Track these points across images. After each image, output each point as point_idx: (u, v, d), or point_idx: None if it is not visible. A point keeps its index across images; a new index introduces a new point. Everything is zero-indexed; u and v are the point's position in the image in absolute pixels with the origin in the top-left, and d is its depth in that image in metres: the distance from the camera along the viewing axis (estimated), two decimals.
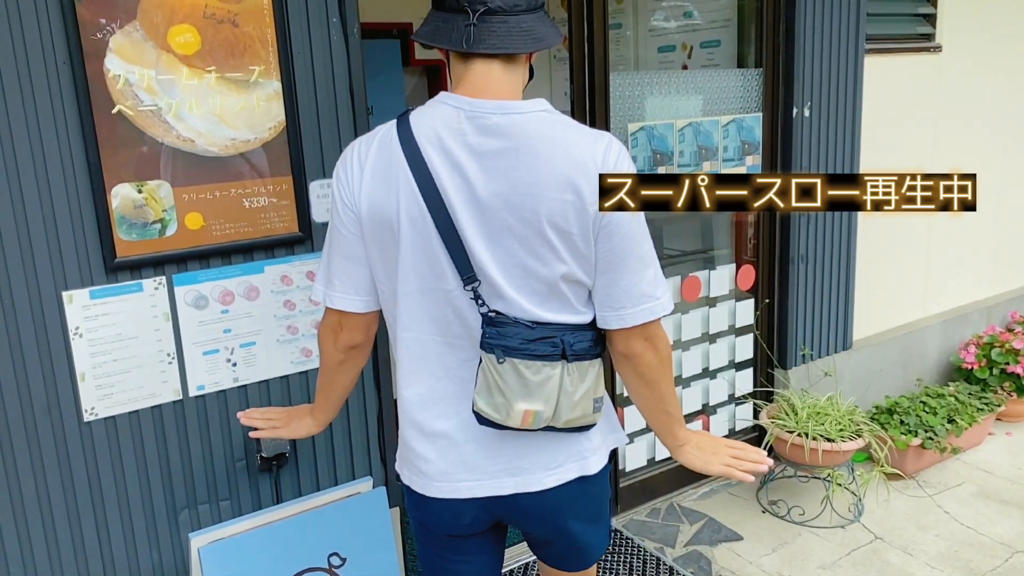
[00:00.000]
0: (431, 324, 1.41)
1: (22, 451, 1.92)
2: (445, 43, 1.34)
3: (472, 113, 1.32)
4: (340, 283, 1.46)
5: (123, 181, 1.93)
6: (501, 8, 1.30)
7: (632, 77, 2.84)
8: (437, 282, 1.38)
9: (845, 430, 3.03)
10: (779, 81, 3.15)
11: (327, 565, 2.17)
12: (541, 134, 1.32)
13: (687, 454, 1.54)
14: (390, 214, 1.35)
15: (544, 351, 1.34)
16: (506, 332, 1.34)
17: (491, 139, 1.32)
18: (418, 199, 1.33)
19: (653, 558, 2.83)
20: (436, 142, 1.33)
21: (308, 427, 1.74)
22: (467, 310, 1.38)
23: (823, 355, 3.47)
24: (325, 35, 2.14)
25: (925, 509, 3.15)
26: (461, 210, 1.33)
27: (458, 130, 1.32)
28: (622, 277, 1.38)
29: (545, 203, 1.31)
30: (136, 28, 1.88)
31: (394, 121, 1.39)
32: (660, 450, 3.18)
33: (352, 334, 1.52)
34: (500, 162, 1.31)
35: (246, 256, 2.13)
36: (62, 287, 1.91)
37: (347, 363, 1.58)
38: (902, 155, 3.66)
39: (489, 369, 1.35)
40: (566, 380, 1.36)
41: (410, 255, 1.37)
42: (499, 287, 1.35)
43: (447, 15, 1.33)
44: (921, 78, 3.64)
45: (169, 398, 2.07)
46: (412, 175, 1.33)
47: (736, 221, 3.37)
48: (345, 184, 1.40)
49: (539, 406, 1.35)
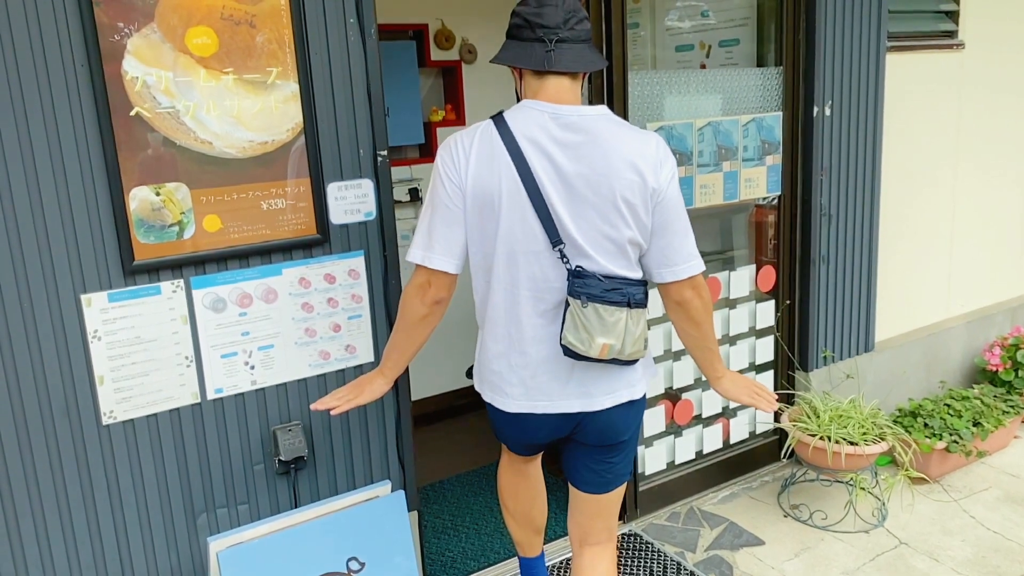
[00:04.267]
0: (524, 280, 1.79)
1: (41, 455, 1.91)
2: (527, 64, 1.78)
3: (555, 114, 1.75)
4: (440, 248, 1.79)
5: (141, 183, 1.92)
6: (568, 39, 1.76)
7: (651, 77, 2.82)
8: (529, 244, 1.77)
9: (868, 433, 2.98)
10: (800, 79, 3.11)
11: (346, 570, 2.15)
12: (608, 130, 1.76)
13: (723, 385, 2.02)
14: (492, 190, 1.74)
15: (616, 299, 1.75)
16: (588, 283, 1.74)
17: (571, 134, 1.74)
18: (516, 179, 1.73)
19: (674, 563, 2.80)
20: (528, 136, 1.74)
21: (381, 387, 2.00)
22: (550, 268, 1.78)
23: (845, 357, 3.43)
24: (343, 36, 2.12)
25: (951, 514, 3.10)
26: (550, 188, 1.73)
27: (545, 127, 1.74)
28: (674, 239, 1.81)
29: (617, 181, 1.73)
30: (154, 30, 1.88)
31: (490, 120, 1.79)
32: (679, 453, 3.15)
33: (439, 291, 1.83)
34: (580, 151, 1.73)
35: (264, 258, 2.12)
36: (80, 290, 1.90)
37: (430, 317, 1.87)
38: (925, 153, 3.61)
39: (576, 312, 1.74)
40: (630, 322, 1.77)
41: (508, 223, 1.75)
42: (581, 247, 1.76)
43: (525, 43, 1.77)
44: (944, 75, 3.59)
45: (187, 401, 2.07)
46: (512, 160, 1.73)
47: (756, 222, 3.33)
48: (452, 168, 1.77)
49: (613, 340, 1.75)
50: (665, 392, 3.08)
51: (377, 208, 2.25)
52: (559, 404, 1.87)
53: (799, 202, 3.22)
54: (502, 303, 1.83)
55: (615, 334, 1.74)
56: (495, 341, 1.87)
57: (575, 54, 1.77)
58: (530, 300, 1.81)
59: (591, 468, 2.01)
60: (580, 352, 1.75)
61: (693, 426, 3.19)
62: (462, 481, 3.45)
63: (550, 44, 1.74)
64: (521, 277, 1.79)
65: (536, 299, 1.81)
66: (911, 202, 3.60)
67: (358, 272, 2.25)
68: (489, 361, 1.90)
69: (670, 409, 3.10)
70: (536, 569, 2.49)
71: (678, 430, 3.15)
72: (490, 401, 1.96)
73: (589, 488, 2.04)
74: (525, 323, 1.82)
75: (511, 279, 1.80)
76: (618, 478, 2.04)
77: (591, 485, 2.03)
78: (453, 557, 2.88)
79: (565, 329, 1.76)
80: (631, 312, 1.77)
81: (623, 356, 1.78)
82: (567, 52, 1.76)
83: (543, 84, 1.78)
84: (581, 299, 1.73)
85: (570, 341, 1.75)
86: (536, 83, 1.79)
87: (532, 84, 1.80)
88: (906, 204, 3.58)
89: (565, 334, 1.75)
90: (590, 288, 1.74)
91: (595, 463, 2.00)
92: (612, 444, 1.97)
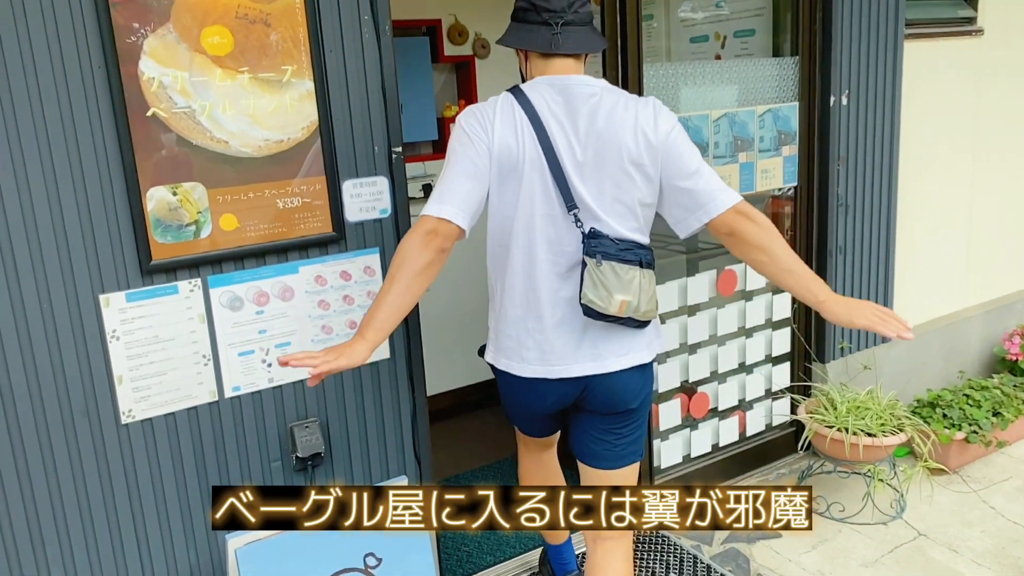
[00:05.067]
0: (541, 242, 1.87)
1: (61, 453, 1.93)
2: (536, 47, 1.88)
3: (563, 87, 1.86)
4: (456, 200, 1.78)
5: (158, 183, 1.93)
6: (573, 21, 1.86)
7: (665, 68, 2.80)
8: (548, 208, 1.85)
9: (886, 424, 2.97)
10: (816, 69, 3.08)
11: (363, 565, 2.16)
12: (612, 99, 1.86)
13: (830, 308, 1.84)
14: (516, 155, 1.83)
15: (629, 258, 1.84)
16: (603, 243, 1.83)
17: (581, 104, 1.84)
18: (536, 145, 1.82)
19: (690, 556, 2.80)
20: (545, 107, 1.84)
21: (361, 353, 1.73)
22: (566, 231, 1.86)
23: (862, 348, 3.41)
24: (357, 33, 2.12)
25: (970, 505, 3.08)
26: (565, 154, 1.83)
27: (556, 99, 1.85)
28: (700, 178, 1.85)
29: (625, 145, 1.83)
30: (169, 31, 1.88)
31: (507, 93, 1.87)
32: (695, 446, 3.14)
33: (445, 241, 1.78)
34: (589, 120, 1.83)
35: (280, 257, 2.12)
36: (99, 290, 1.91)
37: (433, 266, 1.78)
38: (943, 141, 3.57)
39: (593, 271, 1.81)
40: (643, 280, 1.86)
41: (528, 187, 1.84)
42: (594, 211, 1.85)
43: (532, 27, 1.88)
44: (962, 62, 3.54)
45: (205, 399, 2.08)
46: (532, 128, 1.82)
47: (772, 213, 3.31)
48: (480, 128, 1.83)
49: (630, 297, 1.82)
50: (681, 385, 3.07)
51: (392, 205, 2.25)
52: (572, 368, 1.93)
53: (816, 192, 3.19)
54: (520, 266, 1.89)
55: (632, 291, 1.82)
56: (513, 305, 1.93)
57: (579, 36, 1.87)
58: (547, 262, 1.88)
59: (599, 439, 2.04)
60: (599, 309, 1.82)
61: (709, 419, 3.18)
62: (477, 476, 3.46)
63: (556, 28, 1.85)
64: (538, 240, 1.87)
65: (552, 261, 1.88)
66: (929, 191, 3.56)
67: (374, 269, 2.25)
68: (507, 327, 1.96)
69: (686, 402, 3.09)
70: (565, 555, 2.55)
71: (694, 423, 3.15)
72: (505, 368, 1.99)
73: (599, 463, 2.05)
74: (542, 284, 1.89)
75: (529, 241, 1.87)
76: (629, 454, 2.06)
77: (601, 459, 2.05)
78: (469, 551, 2.89)
79: (584, 287, 1.82)
80: (643, 272, 1.86)
81: (639, 314, 1.85)
82: (572, 34, 1.86)
83: (549, 64, 1.89)
84: (596, 258, 1.81)
85: (590, 299, 1.81)
86: (543, 63, 1.90)
87: (538, 64, 1.91)
88: (924, 193, 3.54)
89: (585, 292, 1.82)
90: (605, 247, 1.82)
91: (603, 433, 2.03)
92: (620, 412, 2.00)
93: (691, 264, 3.23)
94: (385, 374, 2.32)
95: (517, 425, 2.28)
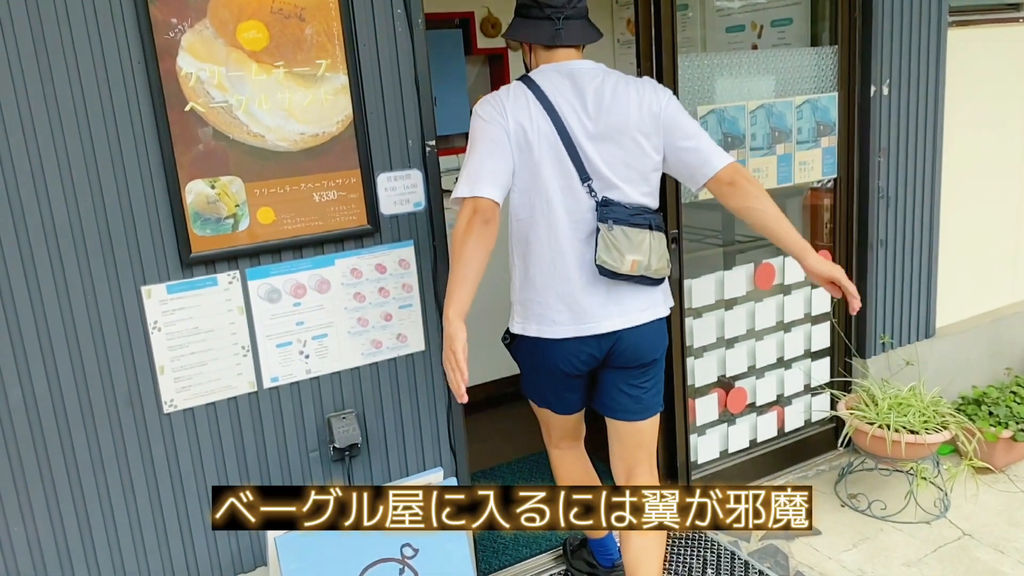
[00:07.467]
0: (562, 211, 2.03)
1: (107, 443, 1.98)
2: (540, 40, 2.07)
3: (569, 72, 2.05)
4: (487, 178, 1.94)
5: (196, 177, 1.96)
6: (573, 15, 2.06)
7: (700, 59, 2.77)
8: (565, 180, 2.02)
9: (929, 422, 2.90)
10: (856, 58, 3.02)
11: (400, 556, 2.18)
12: (614, 80, 2.06)
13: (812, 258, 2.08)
14: (531, 134, 1.99)
15: (639, 222, 2.03)
16: (615, 209, 2.02)
17: (587, 84, 2.03)
18: (549, 124, 2.00)
19: (728, 552, 2.77)
20: (554, 89, 2.02)
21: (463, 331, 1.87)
22: (584, 200, 2.03)
23: (904, 343, 3.33)
24: (390, 27, 2.13)
25: (1017, 504, 3.00)
26: (578, 131, 2.01)
27: (564, 83, 2.03)
28: (702, 138, 2.08)
29: (632, 117, 2.03)
30: (206, 26, 1.91)
31: (518, 81, 2.07)
32: (732, 442, 3.10)
33: (486, 214, 1.93)
34: (598, 96, 2.03)
35: (316, 249, 2.15)
36: (140, 282, 1.95)
37: (484, 236, 1.92)
38: (988, 132, 3.48)
39: (606, 235, 1.99)
40: (653, 242, 2.05)
41: (548, 163, 2.01)
42: (609, 179, 2.03)
43: (535, 21, 2.07)
44: (1008, 50, 3.45)
45: (244, 390, 2.11)
46: (544, 109, 2.00)
47: (811, 206, 3.26)
48: (495, 113, 2.00)
49: (641, 257, 2.01)
50: (718, 380, 3.04)
51: (426, 198, 2.26)
52: (602, 324, 2.08)
53: (856, 185, 3.13)
54: (545, 235, 2.05)
55: (642, 251, 2.02)
56: (541, 272, 2.07)
57: (579, 29, 2.08)
58: (569, 227, 2.04)
59: (626, 393, 2.20)
60: (612, 268, 1.99)
61: (747, 414, 3.14)
62: (512, 468, 3.46)
63: (558, 22, 2.04)
64: (559, 208, 2.03)
65: (573, 228, 2.04)
66: (974, 183, 3.48)
67: (408, 262, 2.27)
68: (536, 294, 2.09)
69: (723, 397, 3.06)
70: (608, 546, 2.58)
71: (731, 418, 3.11)
72: (537, 334, 2.11)
73: (627, 415, 2.22)
74: (567, 248, 2.04)
75: (550, 211, 2.03)
76: (654, 405, 2.25)
77: (628, 412, 2.22)
78: (504, 544, 2.89)
79: (599, 250, 2.00)
80: (653, 234, 2.05)
81: (650, 272, 2.04)
82: (573, 27, 2.06)
83: (553, 54, 2.08)
84: (608, 223, 2.00)
85: (604, 260, 1.99)
86: (547, 54, 2.09)
87: (543, 55, 2.10)
88: (970, 185, 3.45)
89: (599, 254, 1.99)
90: (616, 213, 2.01)
91: (629, 388, 2.19)
92: (645, 364, 2.17)
93: (728, 257, 3.20)
94: (420, 366, 2.34)
95: (546, 403, 2.30)
